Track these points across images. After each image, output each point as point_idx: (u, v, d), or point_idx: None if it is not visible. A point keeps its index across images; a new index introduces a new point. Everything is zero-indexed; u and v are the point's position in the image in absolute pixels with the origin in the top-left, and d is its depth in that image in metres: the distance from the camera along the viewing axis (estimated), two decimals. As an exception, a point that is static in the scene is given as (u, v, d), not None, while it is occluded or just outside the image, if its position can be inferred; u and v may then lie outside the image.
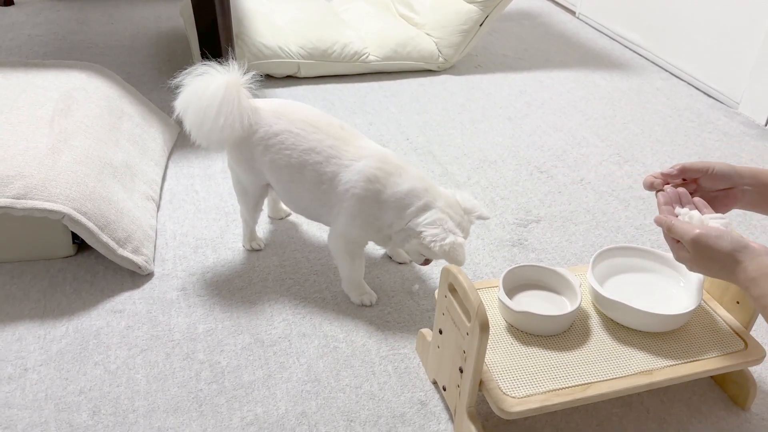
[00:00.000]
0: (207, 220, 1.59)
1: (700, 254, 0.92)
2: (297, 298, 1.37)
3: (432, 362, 1.16)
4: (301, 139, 1.27)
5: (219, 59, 1.28)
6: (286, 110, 1.31)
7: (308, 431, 1.09)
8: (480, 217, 1.26)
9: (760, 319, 1.29)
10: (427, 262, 1.30)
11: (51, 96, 1.63)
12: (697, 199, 1.01)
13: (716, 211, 1.02)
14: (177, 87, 1.27)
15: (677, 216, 0.98)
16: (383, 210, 1.23)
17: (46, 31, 2.72)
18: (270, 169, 1.32)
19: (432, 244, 1.18)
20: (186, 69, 1.26)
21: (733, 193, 1.02)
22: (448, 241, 1.18)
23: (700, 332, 1.12)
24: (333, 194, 1.26)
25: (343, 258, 1.32)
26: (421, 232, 1.20)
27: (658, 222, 0.98)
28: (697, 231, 0.91)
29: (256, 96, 1.32)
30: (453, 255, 1.18)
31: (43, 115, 1.55)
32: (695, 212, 0.98)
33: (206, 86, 1.23)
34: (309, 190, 1.29)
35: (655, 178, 1.05)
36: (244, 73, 1.27)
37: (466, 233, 1.23)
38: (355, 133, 1.31)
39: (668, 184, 1.04)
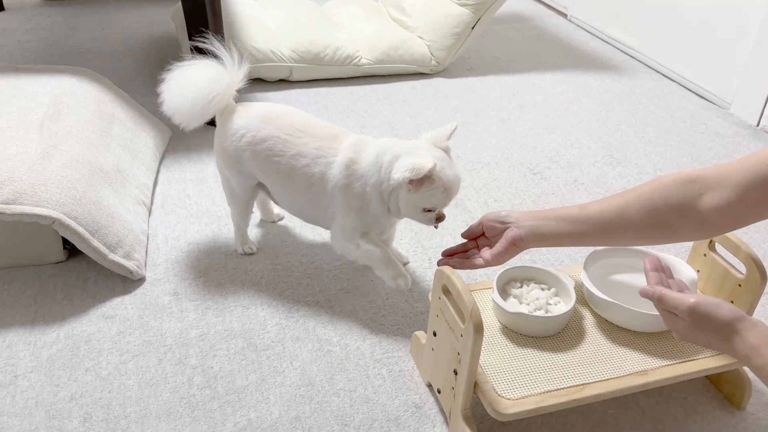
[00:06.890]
0: (199, 225, 1.58)
1: (696, 323, 0.87)
2: (290, 302, 1.36)
3: (426, 365, 1.16)
4: (288, 145, 1.26)
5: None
6: (274, 115, 1.30)
7: (302, 436, 1.08)
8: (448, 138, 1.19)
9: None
10: (438, 219, 1.21)
11: (41, 101, 1.62)
12: (678, 280, 0.97)
13: (505, 252, 1.07)
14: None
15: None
16: (366, 184, 1.21)
17: (37, 37, 2.71)
18: (261, 175, 1.31)
19: (396, 177, 1.14)
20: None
21: (511, 233, 1.06)
22: (406, 162, 1.12)
23: (695, 332, 1.12)
24: (324, 194, 1.25)
25: (349, 250, 1.28)
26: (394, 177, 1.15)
27: (644, 294, 0.91)
28: (693, 300, 0.86)
29: (244, 99, 1.32)
30: (416, 171, 1.10)
31: (33, 119, 1.53)
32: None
33: (203, 69, 1.30)
34: (302, 194, 1.28)
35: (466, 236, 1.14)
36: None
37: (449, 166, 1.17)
38: (342, 131, 1.29)
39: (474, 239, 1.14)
